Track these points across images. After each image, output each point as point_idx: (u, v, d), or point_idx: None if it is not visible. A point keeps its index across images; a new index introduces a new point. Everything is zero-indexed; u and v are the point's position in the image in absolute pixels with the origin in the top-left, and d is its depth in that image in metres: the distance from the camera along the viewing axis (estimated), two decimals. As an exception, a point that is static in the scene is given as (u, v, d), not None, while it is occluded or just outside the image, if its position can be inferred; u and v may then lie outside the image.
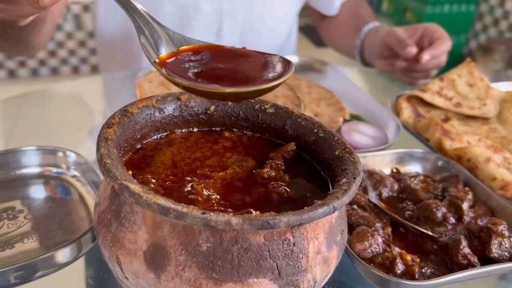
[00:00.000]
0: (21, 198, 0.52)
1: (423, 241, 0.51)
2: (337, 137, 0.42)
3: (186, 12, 0.98)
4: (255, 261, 0.32)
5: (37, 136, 0.72)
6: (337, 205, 0.32)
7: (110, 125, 0.37)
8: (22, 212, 0.50)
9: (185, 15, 0.98)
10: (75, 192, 0.53)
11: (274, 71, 0.41)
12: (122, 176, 0.31)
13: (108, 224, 0.34)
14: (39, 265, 0.43)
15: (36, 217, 0.50)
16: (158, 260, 0.31)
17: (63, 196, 0.53)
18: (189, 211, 0.29)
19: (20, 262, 0.42)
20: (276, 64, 0.42)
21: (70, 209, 0.51)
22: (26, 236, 0.48)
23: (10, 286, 0.43)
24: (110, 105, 0.86)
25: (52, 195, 0.53)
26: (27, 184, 0.53)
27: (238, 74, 0.40)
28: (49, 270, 0.44)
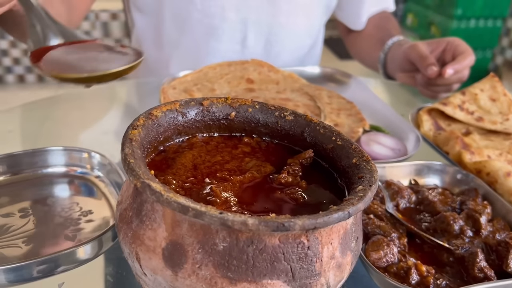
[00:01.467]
0: (46, 195, 0.54)
1: (439, 253, 0.51)
2: (354, 146, 0.43)
3: (213, 20, 1.00)
4: (270, 262, 0.32)
5: (63, 137, 0.74)
6: (352, 211, 0.33)
7: (135, 127, 0.39)
8: (46, 209, 0.52)
9: (211, 24, 1.01)
10: (98, 191, 0.55)
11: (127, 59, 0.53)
12: (144, 175, 0.32)
13: (130, 221, 0.35)
14: (61, 260, 0.45)
15: (60, 214, 0.52)
16: (176, 257, 0.32)
17: (86, 195, 0.55)
18: (207, 210, 0.30)
19: (42, 256, 0.43)
20: (130, 54, 0.55)
21: (93, 208, 0.53)
22: (50, 232, 0.50)
23: (33, 279, 0.44)
24: (135, 109, 0.88)
25: (76, 193, 0.55)
26: (52, 183, 0.55)
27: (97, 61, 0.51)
28: (70, 266, 0.46)
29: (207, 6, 0.99)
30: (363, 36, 1.17)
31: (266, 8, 1.03)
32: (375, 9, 1.15)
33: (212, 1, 0.99)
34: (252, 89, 0.88)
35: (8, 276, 0.43)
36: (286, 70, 0.95)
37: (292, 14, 1.05)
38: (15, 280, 0.43)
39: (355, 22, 1.16)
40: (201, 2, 0.99)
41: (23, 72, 3.27)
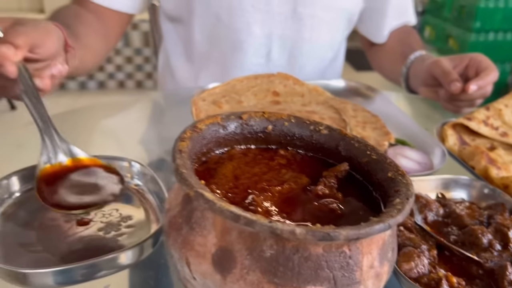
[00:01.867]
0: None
1: (468, 266, 0.52)
2: (389, 160, 0.45)
3: (239, 35, 1.04)
4: (314, 270, 0.34)
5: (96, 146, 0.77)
6: (392, 223, 0.35)
7: (182, 139, 0.41)
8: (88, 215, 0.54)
9: (238, 39, 1.04)
10: (137, 199, 0.57)
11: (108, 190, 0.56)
12: (197, 184, 0.35)
13: (179, 228, 0.37)
14: (102, 265, 0.47)
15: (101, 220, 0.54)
16: (225, 262, 0.34)
17: (126, 202, 0.57)
18: (258, 219, 0.32)
19: (85, 261, 0.46)
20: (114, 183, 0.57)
21: (132, 215, 0.55)
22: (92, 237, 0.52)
23: (78, 282, 0.47)
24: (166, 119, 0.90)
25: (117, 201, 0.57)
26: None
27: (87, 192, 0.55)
28: (111, 270, 0.48)
29: (234, 22, 1.03)
30: (385, 49, 1.19)
31: (290, 23, 1.05)
32: (397, 23, 1.17)
33: (239, 17, 1.02)
34: (278, 102, 0.90)
35: (56, 278, 0.45)
36: (311, 83, 0.97)
37: (316, 29, 1.07)
38: (63, 282, 0.46)
39: (377, 35, 1.18)
40: (228, 18, 1.02)
41: (65, 79, 3.37)
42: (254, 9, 1.01)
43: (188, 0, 1.02)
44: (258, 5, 1.01)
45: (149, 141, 0.80)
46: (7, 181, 0.55)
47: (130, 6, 1.01)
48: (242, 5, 1.01)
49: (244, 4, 1.01)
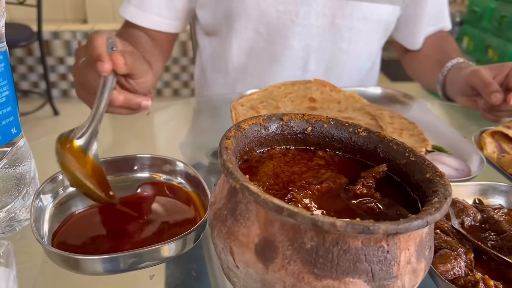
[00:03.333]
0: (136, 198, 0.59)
1: (506, 270, 0.52)
2: (427, 162, 0.46)
3: (277, 48, 1.06)
4: (352, 262, 0.35)
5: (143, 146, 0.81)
6: (430, 220, 0.36)
7: (228, 137, 0.43)
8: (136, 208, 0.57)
9: (275, 51, 1.06)
10: (181, 196, 0.60)
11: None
12: (242, 178, 0.37)
13: (224, 219, 0.40)
14: (149, 255, 0.49)
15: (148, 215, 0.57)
16: (267, 253, 0.36)
17: (171, 199, 0.60)
18: (300, 211, 0.34)
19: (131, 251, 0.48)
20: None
21: (176, 211, 0.58)
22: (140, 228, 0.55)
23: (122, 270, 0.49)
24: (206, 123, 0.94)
25: (161, 197, 0.60)
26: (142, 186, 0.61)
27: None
28: (155, 261, 0.50)
29: (272, 36, 1.05)
30: (420, 56, 1.18)
31: (328, 36, 1.06)
32: (432, 29, 1.16)
33: (277, 32, 1.04)
34: (315, 108, 0.92)
35: (105, 266, 0.48)
36: (347, 90, 0.98)
37: (353, 41, 1.08)
38: (110, 269, 0.48)
39: (412, 42, 1.18)
40: (267, 32, 1.04)
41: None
42: (293, 23, 1.03)
43: (228, 17, 1.05)
44: (297, 20, 1.03)
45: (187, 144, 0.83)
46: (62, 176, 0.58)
47: (178, 26, 1.06)
48: (281, 20, 1.03)
49: (284, 19, 1.02)
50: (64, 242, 0.52)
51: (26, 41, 2.89)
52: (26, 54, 3.32)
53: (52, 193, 0.56)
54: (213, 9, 1.05)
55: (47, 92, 3.18)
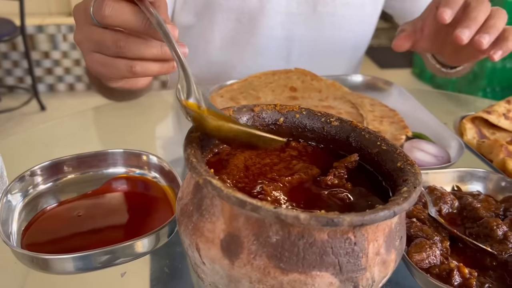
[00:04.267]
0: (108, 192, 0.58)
1: (482, 257, 0.52)
2: (399, 150, 0.45)
3: (259, 40, 1.04)
4: (319, 255, 0.35)
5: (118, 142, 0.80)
6: (397, 210, 0.35)
7: (194, 131, 0.42)
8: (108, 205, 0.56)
9: (258, 43, 1.04)
10: (155, 190, 0.59)
11: None
12: (206, 172, 0.36)
13: (190, 215, 0.39)
14: (121, 252, 0.48)
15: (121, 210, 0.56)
16: (233, 248, 0.36)
17: (144, 193, 0.59)
18: (263, 205, 0.33)
19: (103, 248, 0.47)
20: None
21: (150, 206, 0.57)
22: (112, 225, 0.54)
23: (96, 268, 0.48)
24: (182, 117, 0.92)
25: (135, 191, 0.59)
26: (114, 181, 0.60)
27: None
28: (128, 258, 0.49)
29: (254, 27, 1.03)
30: None
31: (310, 24, 1.05)
32: None
33: (259, 22, 1.02)
34: (295, 97, 0.91)
35: (76, 264, 0.47)
36: (328, 78, 0.97)
37: (337, 28, 1.06)
38: (82, 268, 0.47)
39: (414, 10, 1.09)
40: (249, 22, 1.02)
41: (73, 81, 3.45)
42: (275, 12, 1.01)
43: (209, 8, 1.01)
44: (278, 8, 1.01)
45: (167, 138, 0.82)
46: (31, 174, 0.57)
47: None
48: (263, 10, 1.01)
49: (266, 9, 1.01)
50: (34, 240, 0.51)
51: (9, 36, 2.84)
52: (10, 49, 3.27)
53: (21, 192, 0.55)
54: (193, 1, 1.03)
55: (32, 87, 3.13)
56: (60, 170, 0.58)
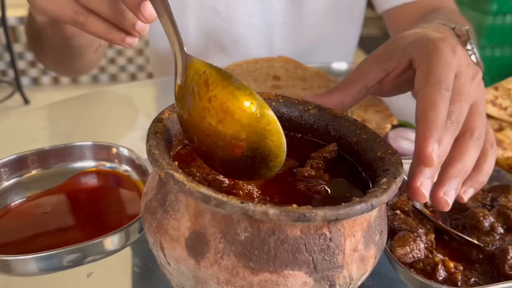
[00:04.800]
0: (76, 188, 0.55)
1: (468, 250, 0.50)
2: (379, 139, 0.43)
3: (238, 28, 1.00)
4: (291, 253, 0.32)
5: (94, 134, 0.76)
6: (375, 203, 0.33)
7: (159, 120, 0.39)
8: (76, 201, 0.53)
9: (237, 31, 1.00)
10: (126, 184, 0.56)
11: None
12: (168, 165, 0.33)
13: (154, 211, 0.36)
14: (89, 250, 0.45)
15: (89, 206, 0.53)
16: (199, 247, 0.33)
17: (114, 188, 0.56)
18: (229, 200, 0.30)
19: (70, 246, 0.44)
20: None
21: (121, 201, 0.54)
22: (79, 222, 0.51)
23: (63, 268, 0.45)
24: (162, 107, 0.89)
25: (105, 186, 0.56)
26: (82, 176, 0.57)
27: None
28: (98, 256, 0.46)
29: (232, 14, 0.99)
30: None
31: (291, 11, 1.01)
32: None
33: (237, 9, 0.98)
34: (279, 86, 0.88)
35: (40, 265, 0.44)
36: (313, 66, 0.94)
37: (318, 14, 1.03)
38: (46, 268, 0.45)
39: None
40: (226, 10, 0.98)
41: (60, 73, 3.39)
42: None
43: None
44: None
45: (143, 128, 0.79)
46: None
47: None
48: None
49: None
50: (-5, 240, 0.48)
51: (-10, 28, 2.78)
52: (-9, 42, 3.20)
53: (-17, 188, 0.52)
54: None
55: (16, 80, 3.05)
56: (25, 165, 0.55)
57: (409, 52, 0.48)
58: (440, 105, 0.41)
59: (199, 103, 0.37)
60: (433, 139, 0.39)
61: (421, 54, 0.47)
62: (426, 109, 0.41)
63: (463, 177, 0.44)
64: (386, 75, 0.51)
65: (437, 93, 0.41)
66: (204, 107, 0.37)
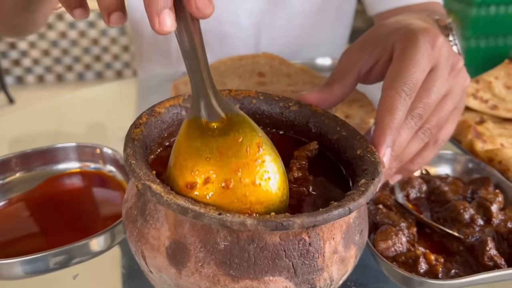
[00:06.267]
0: (60, 190, 0.54)
1: (449, 242, 0.50)
2: (359, 136, 0.41)
3: (225, 27, 0.96)
4: (271, 259, 0.31)
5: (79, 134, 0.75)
6: (353, 207, 0.32)
7: (137, 126, 0.38)
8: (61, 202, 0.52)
9: (224, 31, 0.97)
10: (111, 185, 0.55)
11: None
12: (145, 176, 0.32)
13: (135, 220, 0.35)
14: (74, 252, 0.45)
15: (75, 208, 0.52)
16: (179, 256, 0.32)
17: (99, 189, 0.55)
18: (207, 212, 0.29)
19: (56, 248, 0.43)
20: None
21: (106, 201, 0.53)
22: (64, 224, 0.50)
23: (49, 271, 0.44)
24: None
25: (90, 188, 0.55)
26: (66, 178, 0.55)
27: None
28: (84, 258, 0.46)
29: (219, 14, 0.95)
30: None
31: (280, 11, 0.98)
32: None
33: (225, 9, 0.95)
34: (264, 83, 0.87)
35: (25, 268, 0.43)
36: (298, 62, 0.93)
37: (307, 15, 1.01)
38: (31, 271, 0.44)
39: None
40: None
41: (42, 72, 3.30)
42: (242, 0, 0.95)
43: None
44: None
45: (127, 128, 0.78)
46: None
47: None
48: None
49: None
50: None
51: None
52: (-27, 41, 3.13)
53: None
54: None
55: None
56: (8, 168, 0.54)
57: (391, 40, 0.48)
58: (397, 109, 0.42)
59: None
60: (386, 144, 0.41)
61: (400, 46, 0.46)
62: (384, 113, 0.42)
63: (398, 163, 0.46)
64: (375, 63, 0.50)
65: (397, 98, 0.42)
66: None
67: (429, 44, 0.46)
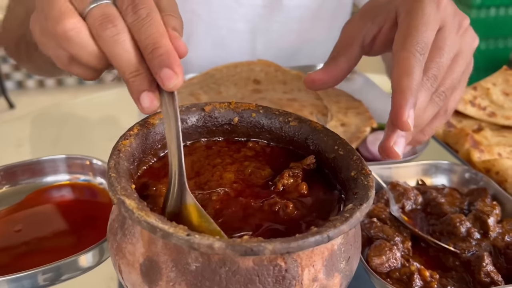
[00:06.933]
0: (49, 203, 0.53)
1: (444, 257, 0.48)
2: (356, 157, 0.39)
3: (220, 32, 0.95)
4: (243, 285, 0.30)
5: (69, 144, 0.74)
6: (332, 235, 0.30)
7: (127, 137, 0.37)
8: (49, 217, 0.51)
9: (218, 35, 0.95)
10: (101, 198, 0.54)
11: None
12: (121, 190, 0.30)
13: (115, 233, 0.34)
14: (64, 269, 0.43)
15: (65, 221, 0.51)
16: (152, 274, 0.31)
17: (89, 201, 0.54)
18: (175, 232, 0.28)
19: (43, 266, 0.42)
20: None
21: (96, 214, 0.52)
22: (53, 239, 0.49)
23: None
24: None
25: (79, 201, 0.54)
26: (55, 190, 0.55)
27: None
28: (74, 274, 0.44)
29: (214, 18, 0.94)
30: None
31: (276, 16, 0.98)
32: None
33: (220, 14, 0.94)
34: (259, 90, 0.86)
35: (12, 286, 0.42)
36: (294, 68, 0.92)
37: (304, 20, 1.00)
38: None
39: None
40: (208, 14, 0.94)
41: (42, 77, 3.32)
42: (238, 4, 0.93)
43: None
44: (241, 0, 0.93)
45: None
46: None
47: None
48: (223, 1, 0.92)
49: (227, 0, 0.92)
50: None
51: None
52: (-27, 45, 3.13)
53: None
54: None
55: (0, 84, 2.93)
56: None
57: (393, 6, 0.47)
58: (414, 70, 0.41)
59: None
60: (408, 106, 0.40)
61: (405, 9, 0.46)
62: (401, 75, 0.41)
63: (415, 130, 0.45)
64: (379, 30, 0.49)
65: (412, 58, 0.42)
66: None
67: (434, 3, 0.46)
